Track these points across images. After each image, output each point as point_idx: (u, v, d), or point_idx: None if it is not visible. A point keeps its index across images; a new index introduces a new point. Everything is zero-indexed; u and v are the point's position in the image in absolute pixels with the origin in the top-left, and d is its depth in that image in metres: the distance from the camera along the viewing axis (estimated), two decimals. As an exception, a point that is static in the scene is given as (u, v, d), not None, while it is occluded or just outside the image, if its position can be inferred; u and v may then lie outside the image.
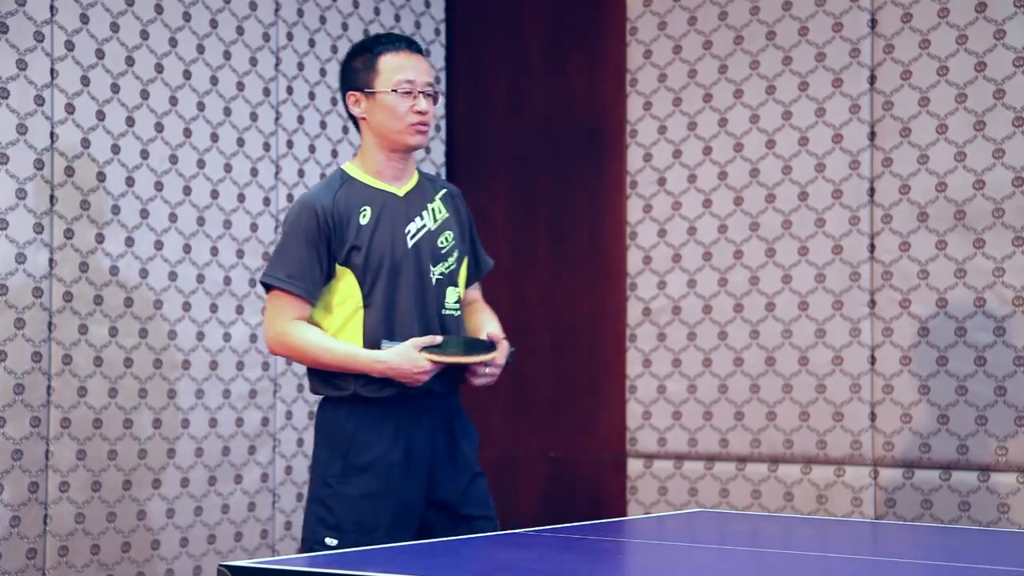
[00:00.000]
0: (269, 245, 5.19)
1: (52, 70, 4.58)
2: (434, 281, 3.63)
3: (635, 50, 5.50)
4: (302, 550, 3.59)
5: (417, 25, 5.80)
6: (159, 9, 4.88)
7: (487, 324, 3.79)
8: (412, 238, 3.62)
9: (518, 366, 5.81)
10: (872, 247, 5.02)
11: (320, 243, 3.53)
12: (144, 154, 4.83)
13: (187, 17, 4.97)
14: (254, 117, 5.18)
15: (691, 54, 5.38)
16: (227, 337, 5.05)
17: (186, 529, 4.92)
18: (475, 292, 3.86)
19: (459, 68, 5.98)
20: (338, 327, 3.59)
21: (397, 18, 5.72)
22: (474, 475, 3.69)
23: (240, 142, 5.13)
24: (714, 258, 5.31)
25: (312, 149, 5.38)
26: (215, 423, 5.01)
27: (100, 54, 4.70)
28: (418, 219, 3.64)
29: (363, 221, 3.57)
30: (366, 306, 3.56)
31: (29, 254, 4.50)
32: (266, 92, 5.22)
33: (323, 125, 5.42)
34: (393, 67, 3.59)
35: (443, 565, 2.96)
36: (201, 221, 4.99)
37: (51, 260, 4.57)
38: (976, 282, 4.82)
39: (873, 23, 5.04)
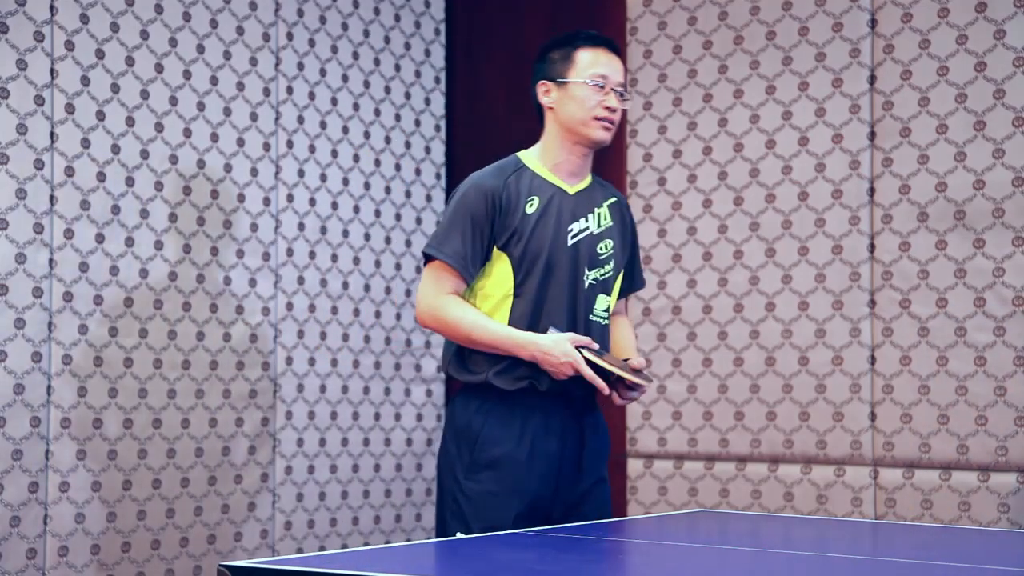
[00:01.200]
0: (269, 245, 5.19)
1: (52, 70, 4.58)
2: (587, 284, 3.61)
3: (635, 50, 5.50)
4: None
5: (417, 25, 5.81)
6: (159, 9, 4.88)
7: (626, 341, 3.80)
8: (573, 237, 3.60)
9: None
10: (872, 247, 5.02)
11: (485, 224, 3.52)
12: (144, 154, 4.83)
13: (187, 17, 4.97)
14: (254, 117, 5.18)
15: (691, 54, 5.38)
16: (227, 337, 5.06)
17: (186, 529, 4.92)
18: (620, 304, 3.83)
19: (459, 68, 5.98)
20: (486, 312, 3.57)
21: (397, 18, 5.72)
22: (597, 480, 3.71)
23: (240, 142, 5.13)
24: (714, 258, 5.31)
25: (312, 149, 5.38)
26: (215, 423, 5.02)
27: (100, 54, 4.71)
28: (583, 220, 3.63)
29: (529, 210, 3.56)
30: (516, 295, 3.55)
31: (29, 254, 4.50)
32: (266, 92, 5.22)
33: (323, 125, 5.42)
34: (589, 61, 3.61)
35: (443, 565, 2.96)
36: (201, 221, 4.99)
37: (51, 260, 4.57)
38: (976, 282, 4.82)
39: (873, 23, 5.04)
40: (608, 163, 5.61)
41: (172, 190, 4.91)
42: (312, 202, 5.37)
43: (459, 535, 3.48)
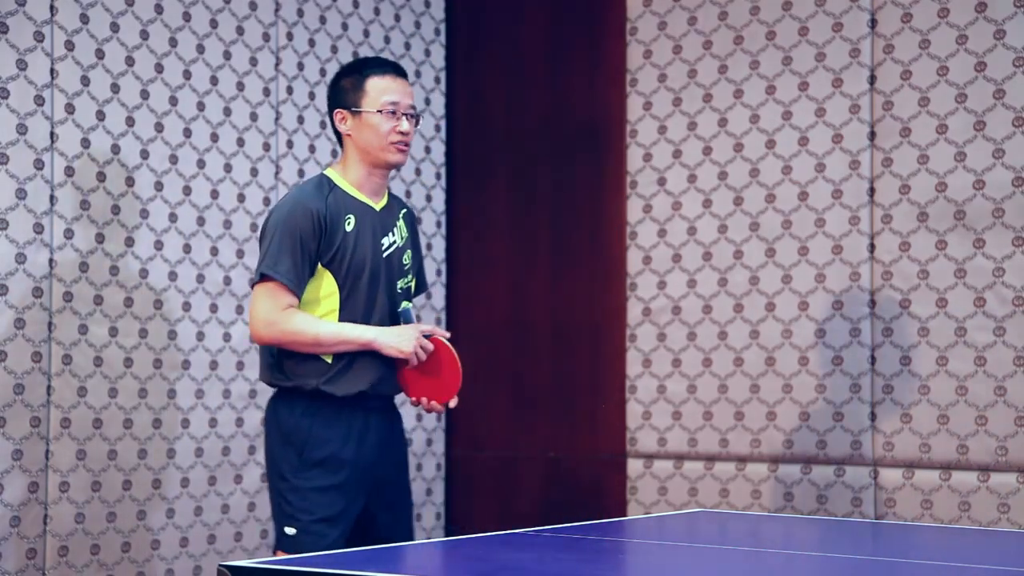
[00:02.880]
0: (269, 245, 5.19)
1: (52, 70, 4.58)
2: (398, 293, 3.84)
3: (635, 50, 5.50)
4: (275, 542, 3.74)
5: (417, 25, 5.80)
6: (159, 9, 4.88)
7: None
8: (385, 251, 3.82)
9: (518, 366, 5.82)
10: (872, 247, 5.02)
11: (311, 243, 3.69)
12: (144, 154, 4.83)
13: (187, 17, 4.97)
14: (254, 117, 5.18)
15: (691, 54, 5.38)
16: (227, 337, 5.05)
17: (186, 529, 4.92)
18: None
19: (459, 68, 5.98)
20: None
21: (397, 18, 5.72)
22: (406, 472, 3.91)
23: (240, 142, 5.13)
24: (714, 258, 5.31)
25: (312, 149, 5.38)
26: (215, 423, 5.02)
27: (100, 54, 4.71)
28: (391, 234, 3.85)
29: (348, 228, 3.75)
30: (342, 308, 3.74)
31: (29, 254, 4.50)
32: (266, 92, 5.22)
33: (323, 125, 5.42)
34: (380, 89, 3.80)
35: (443, 565, 2.96)
36: (201, 221, 4.99)
37: (51, 260, 4.57)
38: (976, 282, 4.82)
39: (873, 23, 5.04)
40: (608, 163, 5.61)
41: (172, 190, 4.91)
42: (312, 202, 5.37)
43: (288, 530, 3.66)
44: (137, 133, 4.81)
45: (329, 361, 3.71)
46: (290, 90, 5.31)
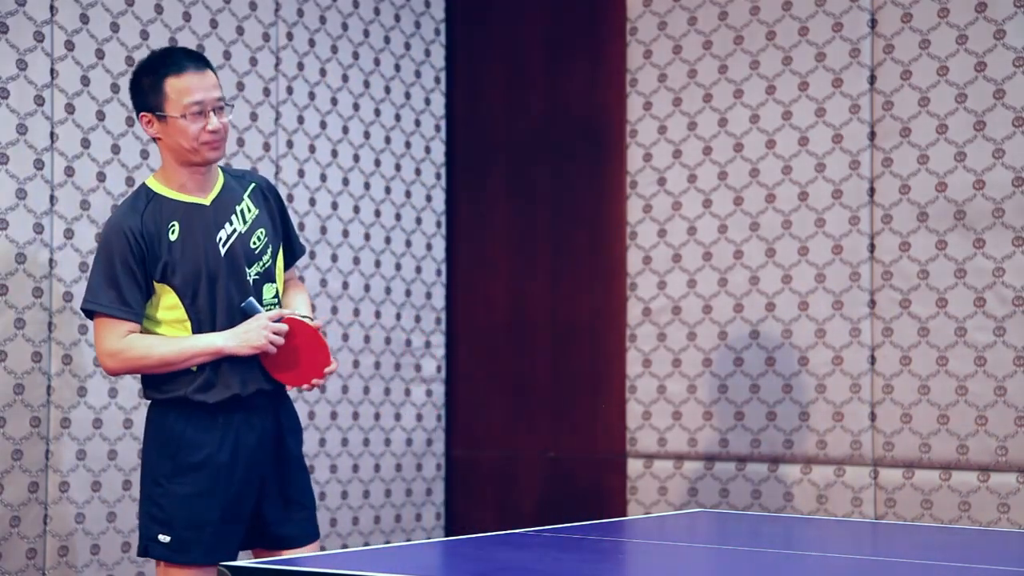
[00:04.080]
0: (269, 245, 5.19)
1: (52, 70, 4.58)
2: (251, 282, 3.69)
3: (635, 50, 5.50)
4: (139, 549, 3.65)
5: (417, 25, 5.81)
6: (159, 9, 4.88)
7: (296, 300, 3.86)
8: (224, 245, 3.66)
9: (518, 366, 5.82)
10: (872, 247, 5.02)
11: (135, 264, 3.56)
12: (144, 154, 4.83)
13: (187, 17, 4.97)
14: (254, 117, 5.18)
15: (691, 54, 5.38)
16: (227, 337, 5.05)
17: (186, 529, 4.91)
18: (290, 272, 3.90)
19: (459, 68, 5.98)
20: None
21: (397, 18, 5.72)
22: (299, 467, 3.77)
23: (240, 142, 5.13)
24: (714, 258, 5.31)
25: (312, 149, 5.38)
26: (215, 423, 5.01)
27: (100, 54, 4.71)
28: (227, 225, 3.69)
29: (172, 237, 3.61)
30: (190, 319, 3.62)
31: (29, 254, 4.50)
32: (266, 92, 5.22)
33: (323, 125, 5.42)
34: (180, 90, 3.60)
35: (443, 565, 2.96)
36: (201, 221, 4.99)
37: (51, 260, 4.57)
38: (976, 282, 4.82)
39: (873, 23, 5.04)
40: (608, 163, 5.61)
41: (172, 190, 4.91)
42: (312, 202, 5.37)
43: (162, 537, 3.56)
44: (137, 133, 4.81)
45: (194, 370, 3.60)
46: (290, 90, 5.31)
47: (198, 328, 3.61)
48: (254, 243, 3.71)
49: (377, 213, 5.62)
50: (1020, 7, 4.76)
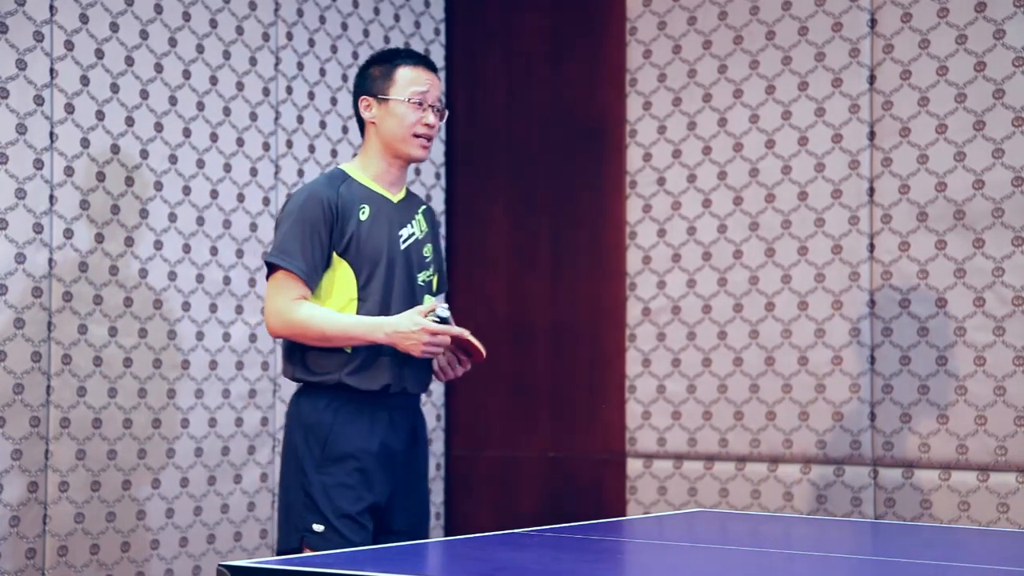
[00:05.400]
0: (268, 245, 5.19)
1: (52, 70, 4.58)
2: (419, 285, 3.78)
3: (635, 50, 5.50)
4: (285, 538, 3.67)
5: (417, 25, 5.80)
6: (159, 9, 4.88)
7: None
8: (404, 242, 3.76)
9: (518, 366, 5.82)
10: (872, 247, 5.02)
11: (323, 231, 3.64)
12: (144, 154, 4.83)
13: (187, 17, 4.97)
14: (253, 117, 5.18)
15: (691, 54, 5.38)
16: (226, 337, 5.06)
17: (185, 529, 4.92)
18: None
19: (459, 68, 5.98)
20: None
21: (396, 18, 5.72)
22: (425, 473, 3.85)
23: (240, 142, 5.13)
24: (713, 258, 5.31)
25: (311, 149, 5.38)
26: (214, 423, 5.01)
27: (100, 54, 4.70)
28: (409, 226, 3.79)
29: (362, 217, 3.70)
30: (360, 299, 3.68)
31: (29, 254, 4.50)
32: (265, 92, 5.22)
33: (322, 125, 5.42)
34: (409, 79, 3.75)
35: (443, 565, 2.96)
36: (200, 221, 4.99)
37: (51, 260, 4.57)
38: (975, 282, 4.82)
39: (873, 23, 5.04)
40: (608, 163, 5.61)
41: (171, 190, 4.91)
42: (312, 202, 5.37)
43: (316, 527, 3.59)
44: (137, 133, 4.81)
45: (349, 352, 3.64)
46: (289, 90, 5.31)
47: (365, 311, 3.66)
48: (425, 253, 3.82)
49: (377, 213, 5.62)
50: (1020, 7, 4.76)
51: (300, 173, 5.32)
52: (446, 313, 3.66)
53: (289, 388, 5.25)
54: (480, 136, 5.94)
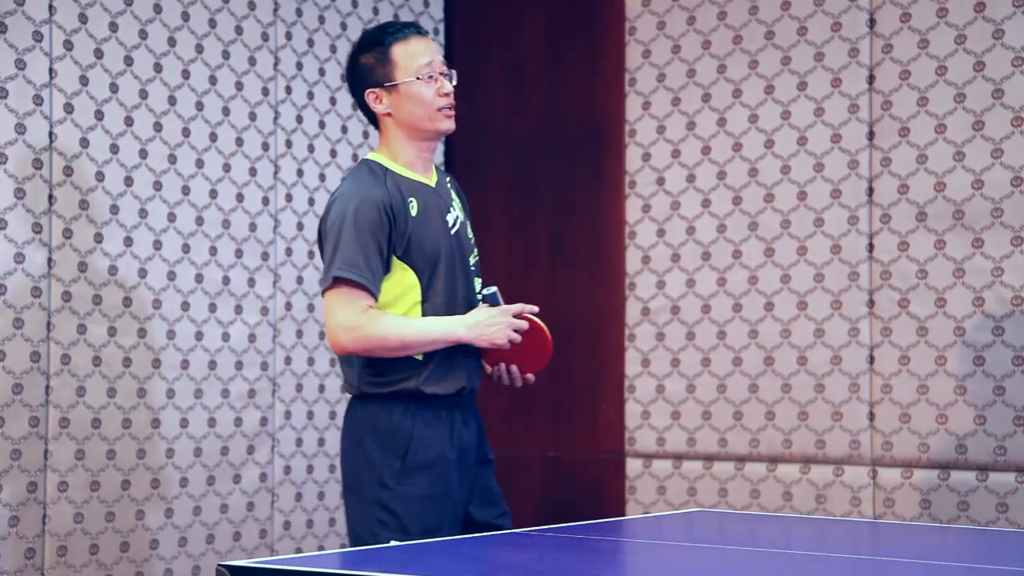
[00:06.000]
0: (267, 245, 5.19)
1: (51, 70, 4.58)
2: (471, 271, 3.60)
3: (634, 50, 5.50)
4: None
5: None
6: (158, 9, 4.88)
7: None
8: (452, 228, 3.56)
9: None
10: (871, 247, 5.02)
11: (382, 235, 3.41)
12: (143, 154, 4.83)
13: (186, 17, 4.97)
14: (253, 117, 5.18)
15: (690, 54, 5.38)
16: (226, 337, 5.05)
17: (185, 529, 4.92)
18: None
19: (458, 68, 5.95)
20: None
21: (396, 18, 5.72)
22: (493, 467, 3.71)
23: (239, 142, 5.13)
24: (713, 258, 5.31)
25: (311, 149, 5.38)
26: (214, 423, 5.01)
27: (99, 54, 4.70)
28: (452, 209, 3.59)
29: (413, 212, 3.48)
30: (424, 300, 3.48)
31: (28, 254, 4.50)
32: (265, 92, 5.22)
33: (322, 125, 5.42)
34: (409, 54, 3.54)
35: (443, 565, 2.96)
36: (200, 221, 4.99)
37: (50, 260, 4.57)
38: (975, 282, 4.82)
39: (872, 23, 5.04)
40: (607, 163, 5.61)
41: (170, 190, 4.91)
42: (311, 202, 5.37)
43: (395, 544, 3.31)
44: (136, 133, 4.81)
45: (420, 358, 3.44)
46: (289, 90, 5.31)
47: (431, 313, 3.46)
48: (469, 233, 3.63)
49: (376, 213, 5.61)
50: (1019, 7, 4.76)
51: (299, 173, 5.32)
52: (494, 289, 3.50)
53: (288, 388, 5.25)
54: (479, 136, 5.94)
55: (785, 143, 5.19)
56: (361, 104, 3.58)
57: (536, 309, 3.53)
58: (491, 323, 3.45)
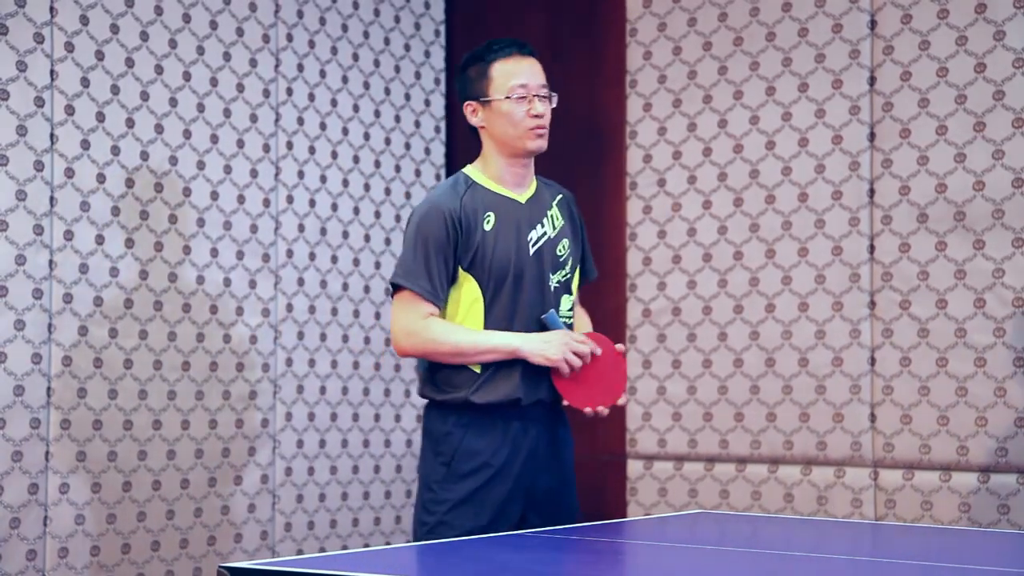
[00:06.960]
0: (269, 246, 5.19)
1: (52, 71, 4.58)
2: (552, 289, 3.65)
3: (635, 51, 5.50)
4: None
5: (417, 27, 5.81)
6: (159, 11, 4.88)
7: (580, 320, 3.85)
8: (534, 245, 3.64)
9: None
10: (872, 248, 5.02)
11: (447, 247, 3.54)
12: (144, 156, 4.83)
13: (187, 18, 4.97)
14: (254, 118, 5.18)
15: (691, 55, 5.38)
16: (227, 339, 5.06)
17: (186, 530, 4.92)
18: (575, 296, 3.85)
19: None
20: None
21: (397, 19, 5.72)
22: (571, 480, 3.73)
23: (240, 143, 5.13)
24: (714, 259, 5.31)
25: (312, 151, 5.38)
26: (215, 424, 5.02)
27: (100, 56, 4.71)
28: (539, 226, 3.66)
29: (487, 227, 3.58)
30: (487, 312, 3.58)
31: (29, 255, 4.51)
32: (266, 93, 5.23)
33: (323, 127, 5.42)
34: (506, 73, 3.63)
35: (443, 565, 2.96)
36: (201, 223, 5.00)
37: (51, 262, 4.57)
38: (976, 283, 4.82)
39: (873, 24, 5.04)
40: (608, 164, 5.61)
41: (172, 192, 4.91)
42: (312, 203, 5.37)
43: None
44: (137, 135, 4.81)
45: (478, 371, 3.55)
46: (290, 91, 5.31)
47: (492, 326, 3.56)
48: (559, 251, 3.68)
49: (377, 214, 5.62)
50: (1020, 8, 4.77)
51: (300, 175, 5.33)
52: (551, 312, 3.58)
53: (289, 389, 5.26)
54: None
55: (786, 144, 5.19)
56: (463, 115, 3.72)
57: (599, 351, 3.61)
58: (548, 339, 3.54)
